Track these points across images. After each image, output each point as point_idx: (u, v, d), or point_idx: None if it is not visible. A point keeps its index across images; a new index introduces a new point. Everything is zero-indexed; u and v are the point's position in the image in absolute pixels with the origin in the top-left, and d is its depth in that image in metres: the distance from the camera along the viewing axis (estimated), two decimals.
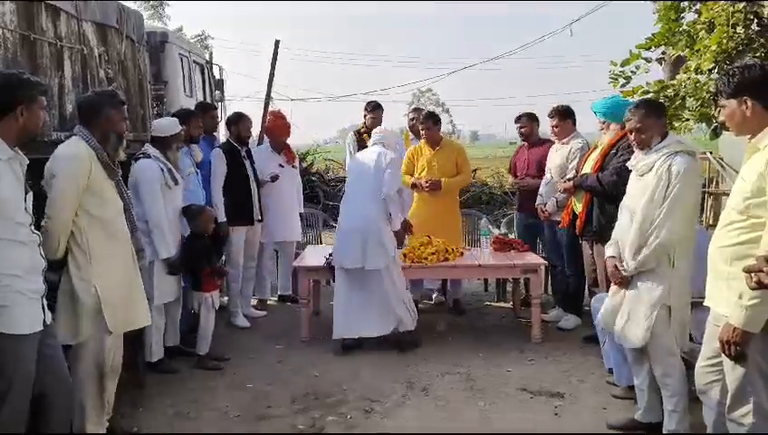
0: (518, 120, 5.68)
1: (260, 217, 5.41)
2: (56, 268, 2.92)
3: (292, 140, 6.01)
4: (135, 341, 3.67)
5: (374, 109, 6.26)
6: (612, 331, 3.29)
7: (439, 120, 5.69)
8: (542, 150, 5.41)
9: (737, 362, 2.41)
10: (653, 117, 3.17)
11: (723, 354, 2.45)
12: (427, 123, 5.56)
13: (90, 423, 3.04)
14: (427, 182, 5.45)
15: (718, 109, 4.46)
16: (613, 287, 3.30)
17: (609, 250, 3.34)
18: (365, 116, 6.33)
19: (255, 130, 7.27)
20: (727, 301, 2.46)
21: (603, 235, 4.31)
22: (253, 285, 5.62)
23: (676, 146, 3.08)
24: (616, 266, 3.23)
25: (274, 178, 5.48)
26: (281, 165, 5.69)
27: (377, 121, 6.12)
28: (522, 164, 5.63)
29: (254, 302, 5.75)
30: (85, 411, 3.02)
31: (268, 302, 5.97)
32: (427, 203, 5.55)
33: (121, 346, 3.19)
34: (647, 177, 3.10)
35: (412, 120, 6.16)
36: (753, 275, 1.72)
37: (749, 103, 2.41)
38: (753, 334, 2.34)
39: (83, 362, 3.02)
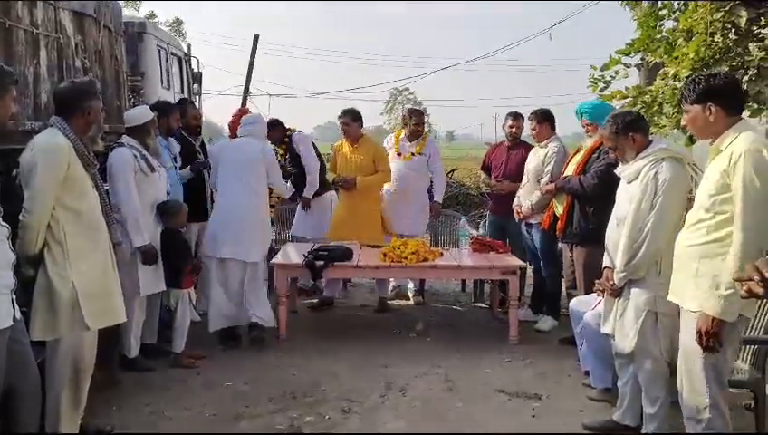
0: (514, 118, 5.61)
1: None
2: (33, 263, 2.85)
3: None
4: (109, 337, 3.59)
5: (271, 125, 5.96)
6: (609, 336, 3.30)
7: (359, 117, 5.67)
8: (521, 153, 5.42)
9: (712, 353, 2.52)
10: (621, 135, 3.21)
11: (683, 349, 2.61)
12: (344, 119, 5.61)
13: (64, 422, 2.97)
14: (340, 181, 5.59)
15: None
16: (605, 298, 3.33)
17: (604, 260, 3.37)
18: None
19: None
20: (694, 297, 2.58)
21: (584, 237, 4.36)
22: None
23: (661, 152, 3.09)
24: (608, 277, 3.25)
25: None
26: None
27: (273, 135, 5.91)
28: (499, 165, 5.63)
29: None
30: (60, 409, 2.95)
31: None
32: (348, 203, 5.65)
33: (96, 342, 3.12)
34: (634, 184, 3.12)
35: (415, 123, 5.92)
36: (743, 284, 1.75)
37: (713, 109, 2.57)
38: (728, 324, 2.48)
39: (60, 358, 2.95)
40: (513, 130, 5.58)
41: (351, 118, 5.63)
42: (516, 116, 5.65)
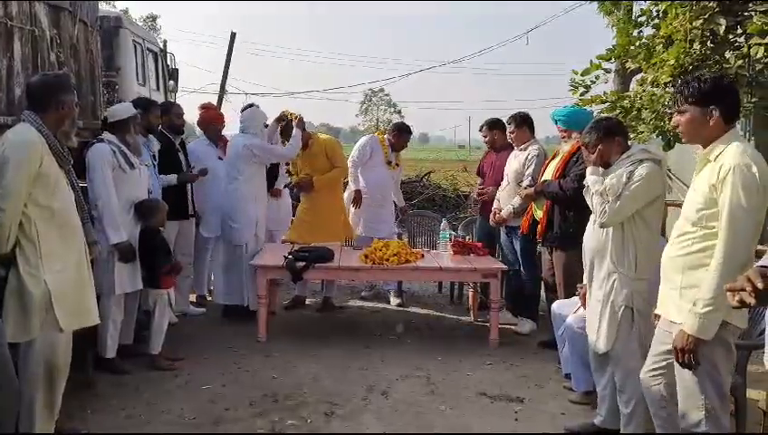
0: (481, 129, 5.72)
1: (193, 212, 5.28)
2: (4, 263, 2.75)
3: None
4: (85, 338, 3.49)
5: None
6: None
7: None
8: (505, 156, 5.43)
9: (690, 370, 2.46)
10: (607, 139, 3.21)
11: (675, 362, 2.49)
12: (288, 129, 5.57)
13: (39, 424, 2.87)
14: (298, 183, 5.71)
15: (671, 119, 4.56)
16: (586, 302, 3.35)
17: (584, 277, 3.38)
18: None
19: None
20: (679, 309, 2.53)
21: (563, 241, 4.38)
22: (189, 281, 5.46)
23: (640, 154, 3.12)
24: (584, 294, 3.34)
25: (204, 172, 5.26)
26: (219, 157, 5.60)
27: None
28: (488, 170, 5.65)
29: (192, 298, 5.63)
30: (34, 412, 2.85)
31: (208, 298, 5.86)
32: (308, 205, 5.70)
33: (71, 344, 3.02)
34: None
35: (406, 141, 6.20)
36: (735, 293, 1.74)
37: (714, 114, 2.46)
38: (706, 342, 2.40)
39: (33, 360, 2.84)
40: (486, 139, 5.65)
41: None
42: (482, 127, 5.71)
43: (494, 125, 5.62)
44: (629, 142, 3.37)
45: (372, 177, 5.89)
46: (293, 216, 6.04)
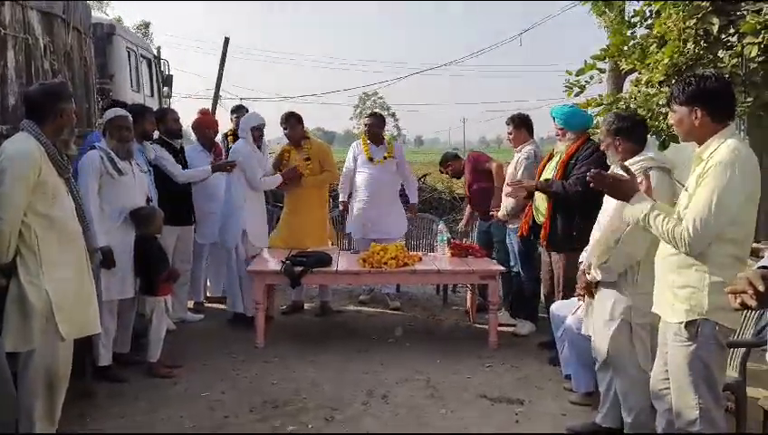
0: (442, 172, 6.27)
1: (193, 218, 5.28)
2: (4, 272, 2.74)
3: None
4: (83, 346, 3.47)
5: (238, 108, 6.53)
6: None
7: (300, 118, 5.65)
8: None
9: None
10: (609, 136, 3.24)
11: (669, 358, 2.50)
12: (289, 122, 5.60)
13: (39, 433, 2.85)
14: (286, 173, 5.57)
15: (666, 119, 4.59)
16: (585, 302, 3.33)
17: (581, 257, 3.40)
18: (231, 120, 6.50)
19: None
20: (673, 309, 2.52)
21: (569, 243, 4.32)
22: (187, 288, 5.44)
23: (647, 162, 3.10)
24: (584, 273, 3.28)
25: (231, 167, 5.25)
26: (212, 162, 5.58)
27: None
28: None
29: (189, 304, 5.62)
30: (34, 421, 2.85)
31: (205, 305, 5.86)
32: (294, 207, 5.65)
33: (71, 352, 3.01)
34: None
35: (366, 125, 6.06)
36: (736, 296, 1.73)
37: (698, 113, 2.48)
38: (706, 338, 2.42)
39: (33, 369, 2.84)
40: (448, 174, 6.15)
41: (296, 120, 5.59)
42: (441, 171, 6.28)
43: (444, 162, 6.06)
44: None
45: (360, 179, 5.87)
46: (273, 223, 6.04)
